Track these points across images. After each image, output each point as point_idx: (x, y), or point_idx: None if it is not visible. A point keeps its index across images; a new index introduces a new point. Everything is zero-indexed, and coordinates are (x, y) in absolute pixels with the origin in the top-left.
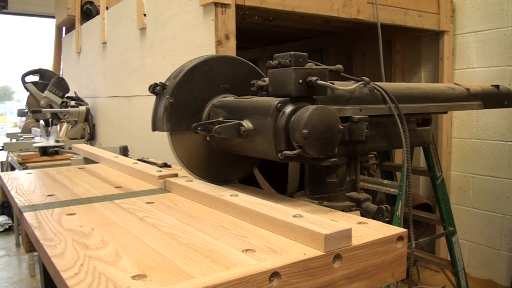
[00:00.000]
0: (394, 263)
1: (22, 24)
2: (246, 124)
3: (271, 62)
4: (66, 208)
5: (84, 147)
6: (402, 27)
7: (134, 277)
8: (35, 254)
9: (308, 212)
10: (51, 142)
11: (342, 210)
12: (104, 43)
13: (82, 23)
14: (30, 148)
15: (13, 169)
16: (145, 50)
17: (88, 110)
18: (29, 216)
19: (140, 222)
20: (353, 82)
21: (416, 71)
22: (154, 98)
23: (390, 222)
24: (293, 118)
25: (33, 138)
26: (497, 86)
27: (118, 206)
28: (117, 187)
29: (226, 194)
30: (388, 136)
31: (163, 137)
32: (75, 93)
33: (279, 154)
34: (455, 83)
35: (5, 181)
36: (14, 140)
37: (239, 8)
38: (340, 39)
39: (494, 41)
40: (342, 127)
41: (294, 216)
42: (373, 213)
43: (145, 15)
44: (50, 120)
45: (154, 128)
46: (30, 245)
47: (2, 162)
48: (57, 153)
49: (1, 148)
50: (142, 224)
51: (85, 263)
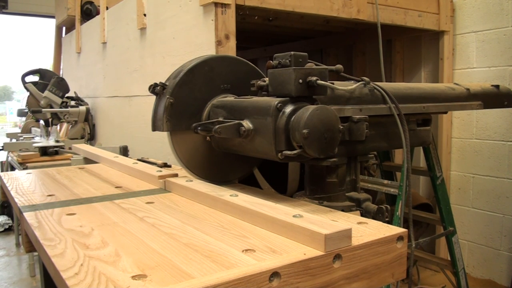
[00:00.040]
0: (394, 263)
1: (22, 24)
2: (246, 124)
3: (271, 62)
4: (66, 208)
5: (84, 147)
6: (402, 27)
7: (134, 277)
8: (35, 254)
9: (308, 212)
10: (51, 142)
11: (342, 210)
12: (104, 43)
13: (82, 23)
14: (30, 148)
15: (13, 169)
16: (145, 50)
17: (88, 110)
18: (29, 216)
19: (140, 222)
20: (353, 82)
21: (416, 71)
22: (154, 98)
23: (390, 222)
24: (293, 118)
25: (33, 138)
26: (497, 86)
27: (118, 206)
28: (117, 187)
29: (226, 194)
30: (388, 136)
31: (163, 137)
32: (75, 93)
33: (279, 154)
34: (455, 83)
35: (5, 181)
36: (14, 140)
37: (239, 8)
38: (340, 39)
39: (494, 41)
40: (342, 127)
41: (294, 216)
42: (373, 213)
43: (145, 15)
44: (50, 120)
45: (154, 128)
46: (30, 245)
47: (2, 162)
48: (57, 153)
49: (1, 148)
50: (142, 224)
51: (85, 263)
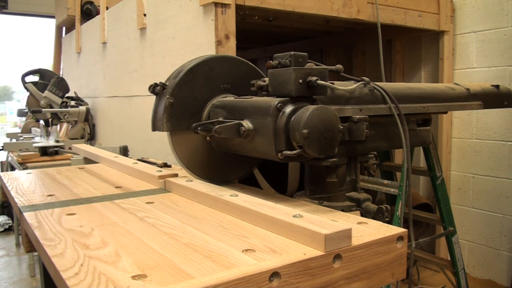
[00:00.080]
0: (394, 263)
1: (22, 24)
2: (246, 124)
3: (271, 62)
4: (66, 208)
5: (84, 147)
6: (402, 27)
7: (134, 277)
8: (35, 254)
9: (308, 212)
10: (51, 142)
11: (342, 210)
12: (104, 43)
13: (82, 23)
14: (30, 148)
15: (13, 169)
16: (145, 50)
17: (88, 110)
18: (29, 216)
19: (140, 222)
20: (353, 82)
21: (416, 71)
22: (154, 98)
23: (390, 222)
24: (293, 118)
25: (33, 138)
26: (497, 86)
27: (118, 206)
28: (117, 187)
29: (226, 194)
30: (388, 136)
31: (163, 137)
32: (75, 93)
33: (279, 154)
34: (455, 83)
35: (5, 181)
36: (14, 140)
37: (239, 8)
38: (340, 39)
39: (494, 41)
40: (342, 127)
41: (294, 216)
42: (373, 213)
43: (145, 15)
44: (50, 120)
45: (154, 128)
46: (30, 245)
47: (2, 162)
48: (57, 153)
49: (1, 148)
50: (142, 224)
51: (85, 263)
